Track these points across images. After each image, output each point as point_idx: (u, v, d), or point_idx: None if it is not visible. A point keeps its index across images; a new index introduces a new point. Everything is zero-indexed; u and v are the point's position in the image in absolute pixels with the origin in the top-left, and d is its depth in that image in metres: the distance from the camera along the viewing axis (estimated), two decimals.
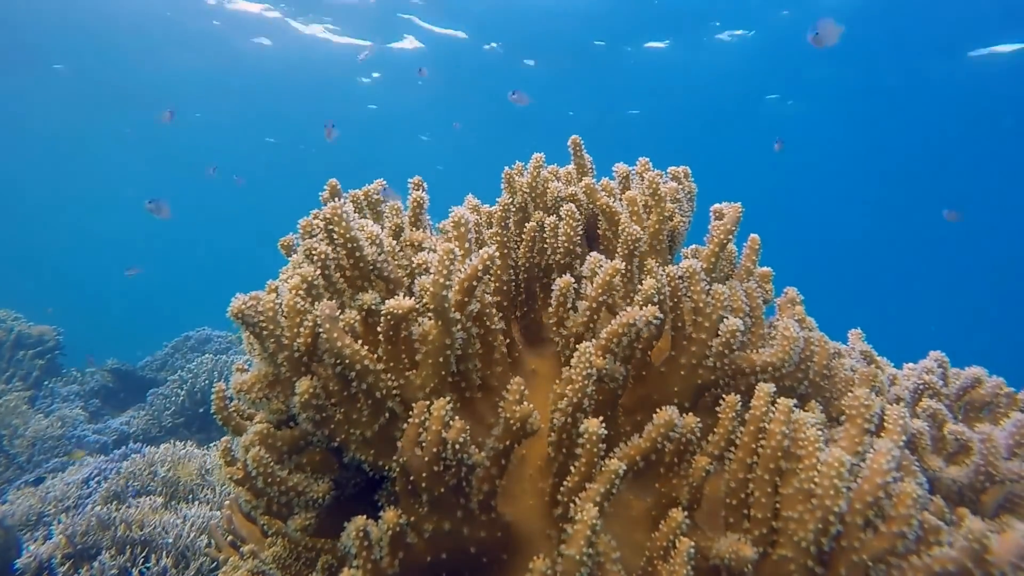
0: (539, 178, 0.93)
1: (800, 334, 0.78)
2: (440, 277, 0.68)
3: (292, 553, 0.90)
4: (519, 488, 0.73)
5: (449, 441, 0.64)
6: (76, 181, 18.39)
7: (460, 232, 0.80)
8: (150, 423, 3.62)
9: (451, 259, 0.68)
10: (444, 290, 0.68)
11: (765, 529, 0.63)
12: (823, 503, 0.60)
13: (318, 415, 0.71)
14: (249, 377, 0.75)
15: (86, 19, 8.90)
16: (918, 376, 0.99)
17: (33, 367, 4.12)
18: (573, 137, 1.02)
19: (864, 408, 0.66)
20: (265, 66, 10.27)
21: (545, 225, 0.88)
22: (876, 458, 0.61)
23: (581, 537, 0.58)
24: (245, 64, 10.25)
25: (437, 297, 0.68)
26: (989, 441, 0.82)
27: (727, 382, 0.79)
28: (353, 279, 0.78)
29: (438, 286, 0.68)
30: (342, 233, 0.75)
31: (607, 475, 0.61)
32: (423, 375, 0.72)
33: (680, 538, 0.61)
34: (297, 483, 0.72)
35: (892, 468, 0.60)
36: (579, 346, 0.67)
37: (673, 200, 0.93)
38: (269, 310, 0.71)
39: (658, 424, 0.67)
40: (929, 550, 0.60)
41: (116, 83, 10.69)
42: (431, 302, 0.68)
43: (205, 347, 4.61)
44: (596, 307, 0.75)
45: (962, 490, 0.83)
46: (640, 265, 0.87)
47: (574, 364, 0.66)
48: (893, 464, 0.60)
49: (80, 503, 2.13)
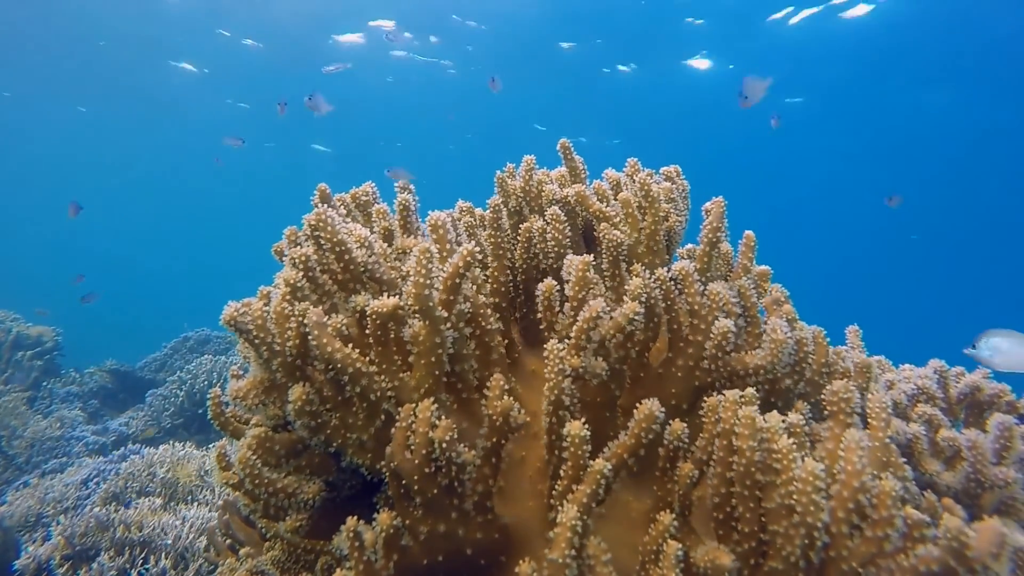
0: (532, 181, 0.93)
1: (790, 335, 0.78)
2: (420, 277, 0.68)
3: (291, 556, 0.90)
4: (519, 490, 0.73)
5: (436, 440, 0.64)
6: (75, 181, 18.35)
7: (440, 234, 0.80)
8: (149, 424, 3.62)
9: (428, 258, 0.69)
10: (426, 289, 0.68)
11: (754, 542, 0.63)
12: (805, 520, 0.59)
13: (313, 421, 0.71)
14: (245, 383, 0.75)
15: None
16: (915, 381, 0.99)
17: (32, 368, 4.13)
18: (562, 140, 1.03)
19: (843, 402, 0.65)
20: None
21: (535, 229, 0.88)
22: (848, 457, 0.60)
23: (563, 540, 0.57)
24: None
25: (420, 297, 0.68)
26: (975, 448, 0.82)
27: (724, 384, 0.78)
28: (345, 282, 0.78)
29: (419, 286, 0.68)
30: (328, 237, 0.75)
31: (593, 476, 0.60)
32: (417, 376, 0.72)
33: (668, 541, 0.61)
34: (286, 486, 0.73)
35: (864, 465, 0.59)
36: (545, 346, 0.67)
37: (668, 200, 0.93)
38: (259, 317, 0.71)
39: (639, 419, 0.66)
40: (915, 547, 0.60)
41: (115, 81, 10.66)
42: (415, 303, 0.68)
43: (204, 348, 4.61)
44: (578, 306, 0.75)
45: (958, 495, 0.83)
46: (630, 269, 0.88)
47: (546, 364, 0.66)
48: (865, 460, 0.59)
49: (79, 504, 2.14)
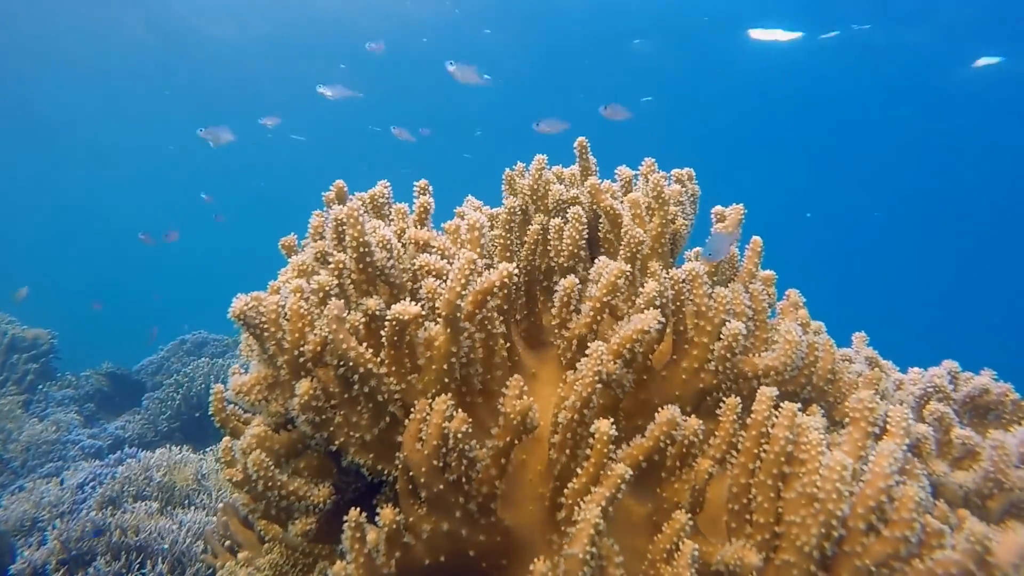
0: (541, 180, 0.92)
1: (803, 338, 0.77)
2: (458, 286, 0.67)
3: (289, 559, 0.89)
4: (520, 494, 0.72)
5: (451, 432, 0.63)
6: (74, 181, 18.33)
7: (474, 236, 0.79)
8: (146, 427, 3.59)
9: (472, 269, 0.67)
10: (459, 299, 0.67)
11: (768, 534, 0.63)
12: (826, 507, 0.59)
13: (317, 417, 0.70)
14: (248, 379, 0.74)
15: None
16: (926, 381, 0.98)
17: (27, 371, 4.10)
18: (580, 139, 1.02)
19: (868, 411, 0.65)
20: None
21: (549, 228, 0.87)
22: (878, 461, 0.60)
23: (584, 536, 0.57)
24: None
25: (451, 306, 0.67)
26: (1001, 449, 0.80)
27: (729, 386, 0.78)
28: (359, 283, 0.77)
29: (454, 294, 0.67)
30: (355, 236, 0.73)
31: (613, 479, 0.60)
32: (425, 380, 0.71)
33: (684, 540, 0.61)
34: (297, 488, 0.72)
35: (894, 471, 0.59)
36: (591, 344, 0.66)
37: (676, 203, 0.93)
38: (272, 312, 0.70)
39: (660, 423, 0.66)
40: (931, 554, 0.59)
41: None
42: (445, 310, 0.67)
43: (202, 351, 4.58)
44: (600, 308, 0.74)
45: (968, 495, 0.82)
46: (643, 268, 0.87)
47: (586, 362, 0.66)
48: (895, 467, 0.60)
49: (75, 508, 2.11)
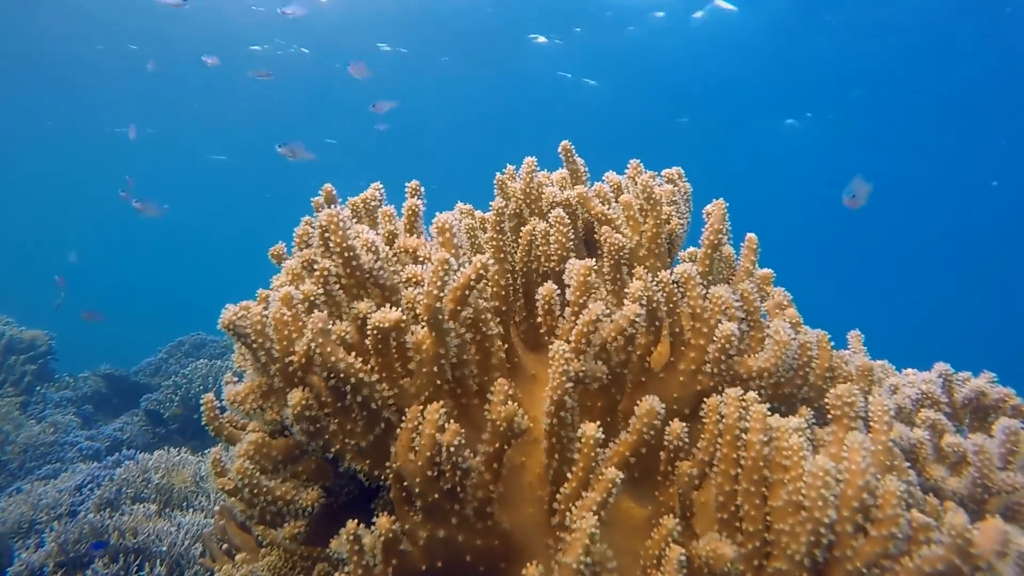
0: (533, 183, 0.93)
1: (793, 338, 0.78)
2: (434, 288, 0.67)
3: (288, 562, 0.89)
4: (518, 496, 0.72)
5: (444, 444, 0.63)
6: (72, 181, 18.28)
7: (446, 238, 0.79)
8: (144, 429, 3.59)
9: (446, 270, 0.67)
10: (438, 301, 0.67)
11: (758, 542, 0.62)
12: (812, 515, 0.58)
13: (311, 427, 0.70)
14: (243, 388, 0.74)
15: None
16: (919, 386, 0.97)
17: (25, 372, 4.09)
18: (563, 143, 1.02)
19: (847, 406, 0.65)
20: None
21: (537, 232, 0.88)
22: (851, 457, 0.59)
23: (579, 546, 0.57)
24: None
25: (431, 309, 0.67)
26: (982, 453, 0.80)
27: (726, 388, 0.78)
28: (349, 287, 0.77)
29: (432, 297, 0.67)
30: (339, 242, 0.73)
31: (604, 484, 0.60)
32: (417, 383, 0.71)
33: (671, 546, 0.61)
34: (284, 493, 0.72)
35: (868, 465, 0.59)
36: (551, 347, 0.66)
37: (669, 203, 0.93)
38: (257, 323, 0.70)
39: (640, 415, 0.66)
40: (919, 549, 0.59)
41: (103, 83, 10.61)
42: (425, 314, 0.67)
43: (200, 352, 4.57)
44: (578, 310, 0.74)
45: (963, 501, 0.82)
46: (631, 272, 0.87)
47: (551, 364, 0.66)
48: (868, 460, 0.59)
49: (73, 510, 2.12)
